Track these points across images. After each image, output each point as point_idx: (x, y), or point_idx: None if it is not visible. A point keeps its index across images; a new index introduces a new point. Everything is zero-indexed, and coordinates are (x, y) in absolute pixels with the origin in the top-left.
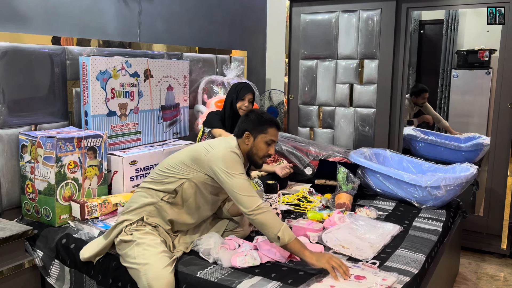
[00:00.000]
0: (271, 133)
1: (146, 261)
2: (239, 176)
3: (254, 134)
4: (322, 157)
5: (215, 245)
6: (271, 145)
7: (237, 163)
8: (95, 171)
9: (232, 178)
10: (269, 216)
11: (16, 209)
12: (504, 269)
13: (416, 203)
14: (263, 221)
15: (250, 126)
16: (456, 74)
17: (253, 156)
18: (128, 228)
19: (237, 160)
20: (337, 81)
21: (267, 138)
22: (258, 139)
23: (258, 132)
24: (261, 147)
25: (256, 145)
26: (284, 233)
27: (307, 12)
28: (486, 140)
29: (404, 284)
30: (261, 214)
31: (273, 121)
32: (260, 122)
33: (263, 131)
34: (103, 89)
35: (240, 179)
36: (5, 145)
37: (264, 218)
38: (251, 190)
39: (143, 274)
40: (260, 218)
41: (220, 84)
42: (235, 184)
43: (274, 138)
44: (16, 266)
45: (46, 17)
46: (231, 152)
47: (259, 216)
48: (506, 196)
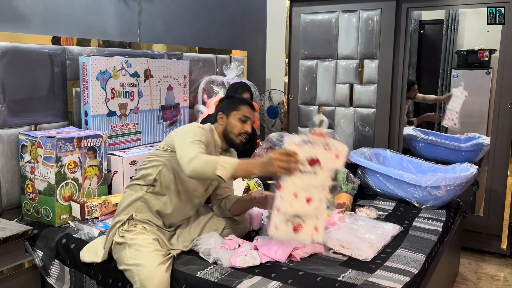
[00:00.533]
0: (243, 110)
1: (138, 261)
2: (191, 141)
3: (227, 113)
4: None
5: (215, 245)
6: (246, 122)
7: (195, 132)
8: (95, 171)
9: (183, 142)
10: (200, 162)
11: (16, 209)
12: (504, 269)
13: (416, 203)
14: (197, 171)
15: (222, 107)
16: (456, 74)
17: (229, 134)
18: (121, 230)
19: (197, 131)
20: (337, 81)
21: (240, 115)
22: (231, 117)
23: (230, 110)
24: (234, 124)
25: (229, 123)
26: (223, 169)
27: (307, 12)
28: (486, 140)
29: (404, 284)
30: (192, 164)
31: (244, 100)
32: (231, 101)
33: (234, 108)
34: (103, 89)
35: (190, 143)
36: (5, 145)
37: (197, 167)
38: (191, 150)
39: (136, 275)
40: (193, 168)
41: (220, 84)
42: (182, 146)
43: (248, 115)
44: (16, 266)
45: (46, 17)
46: (196, 127)
47: (191, 166)
48: (506, 196)
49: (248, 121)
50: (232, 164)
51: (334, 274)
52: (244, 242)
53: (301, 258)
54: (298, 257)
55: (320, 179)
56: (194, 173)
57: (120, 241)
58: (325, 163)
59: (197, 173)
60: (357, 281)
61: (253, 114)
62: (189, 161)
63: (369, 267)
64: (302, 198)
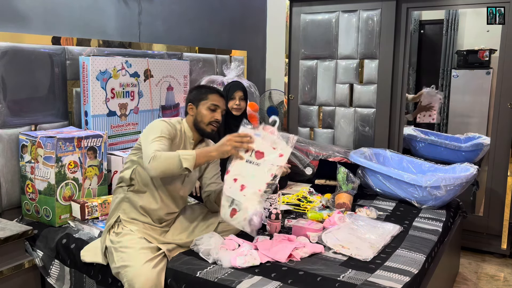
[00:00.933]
0: (212, 98)
1: (125, 263)
2: (152, 139)
3: (196, 103)
4: (322, 157)
5: (215, 246)
6: (216, 110)
7: (157, 128)
8: (95, 171)
9: (145, 142)
10: (160, 160)
11: (16, 209)
12: (504, 269)
13: (416, 203)
14: (160, 169)
15: (191, 97)
16: (456, 74)
17: (199, 124)
18: (111, 233)
19: (159, 127)
20: (337, 81)
21: (209, 104)
22: (200, 107)
23: (199, 100)
24: (204, 113)
25: (199, 113)
26: (186, 161)
27: (307, 12)
28: (486, 140)
29: (404, 284)
30: (152, 164)
31: (213, 88)
32: (199, 91)
33: (203, 98)
34: (103, 89)
35: (151, 142)
36: (5, 145)
37: (158, 165)
38: (150, 150)
39: (124, 276)
40: (154, 168)
41: (220, 84)
42: (145, 147)
43: (217, 103)
44: (16, 266)
45: (46, 17)
46: (160, 121)
47: (152, 166)
48: (506, 196)
49: (218, 110)
50: (192, 154)
51: (334, 274)
52: (244, 242)
53: (301, 258)
54: (298, 257)
55: (260, 172)
56: (158, 172)
57: (109, 245)
58: (269, 159)
59: (161, 171)
60: (357, 281)
61: (222, 102)
62: (149, 162)
63: (369, 267)
64: (238, 184)
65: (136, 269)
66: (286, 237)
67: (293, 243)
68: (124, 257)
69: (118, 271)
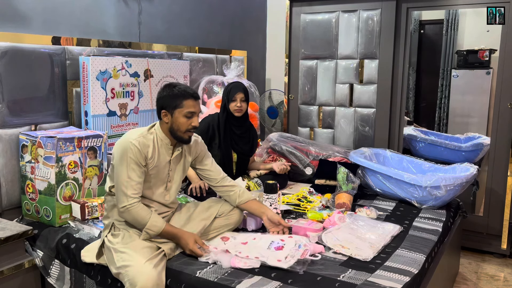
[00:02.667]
0: (188, 105)
1: (125, 263)
2: (122, 170)
3: (170, 110)
4: (322, 157)
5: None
6: (192, 117)
7: (126, 154)
8: (95, 171)
9: (117, 173)
10: (131, 217)
11: (16, 209)
12: (504, 269)
13: (416, 203)
14: (130, 221)
15: (164, 103)
16: (456, 74)
17: (176, 132)
18: (109, 235)
19: (128, 152)
20: (337, 81)
21: (185, 111)
22: (176, 115)
23: (173, 107)
24: (181, 122)
25: (175, 121)
26: (146, 234)
27: (307, 12)
28: (486, 140)
29: (404, 284)
30: (124, 215)
31: (187, 92)
32: (173, 96)
33: (178, 105)
34: (103, 89)
35: (122, 173)
36: (5, 145)
37: (128, 219)
38: (125, 187)
39: (125, 276)
40: (125, 218)
41: (220, 84)
42: (117, 182)
43: (193, 109)
44: (16, 266)
45: (46, 17)
46: (129, 142)
47: (124, 216)
48: (506, 196)
49: (195, 116)
50: (157, 231)
51: (334, 274)
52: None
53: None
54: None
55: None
56: (127, 220)
57: (108, 246)
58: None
59: (130, 221)
60: (357, 281)
61: (198, 106)
62: (122, 207)
63: (369, 267)
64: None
65: (137, 268)
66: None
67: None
68: (124, 257)
69: (118, 272)
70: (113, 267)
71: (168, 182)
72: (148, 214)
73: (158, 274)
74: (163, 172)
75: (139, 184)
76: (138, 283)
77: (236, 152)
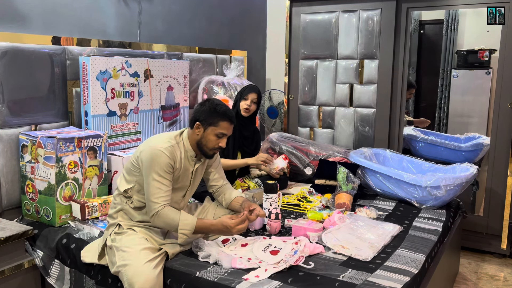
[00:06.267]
0: (222, 126)
1: (125, 262)
2: (155, 180)
3: (205, 125)
4: (322, 157)
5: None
6: (222, 138)
7: (159, 162)
8: (95, 171)
9: (148, 178)
10: (161, 221)
11: (16, 209)
12: (504, 269)
13: (416, 203)
14: (160, 226)
15: (202, 116)
16: (456, 74)
17: (203, 147)
18: (112, 233)
19: (160, 162)
20: (337, 81)
21: (217, 131)
22: (208, 131)
23: (209, 124)
24: (210, 139)
25: (205, 137)
26: (182, 235)
27: (307, 12)
28: (486, 140)
29: (404, 284)
30: (154, 220)
31: (227, 114)
32: (212, 113)
33: (214, 123)
34: (103, 89)
35: (152, 181)
36: (5, 145)
37: (159, 225)
38: (155, 195)
39: (124, 275)
40: (156, 224)
41: (220, 84)
42: (147, 187)
43: (225, 132)
44: (16, 266)
45: (46, 17)
46: (161, 150)
47: (154, 222)
48: (506, 196)
49: (224, 137)
50: (190, 229)
51: (334, 274)
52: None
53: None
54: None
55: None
56: (158, 226)
57: (110, 245)
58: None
59: (161, 227)
60: (357, 281)
61: (231, 129)
62: (151, 216)
63: (369, 267)
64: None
65: (136, 268)
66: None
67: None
68: (125, 256)
69: (118, 270)
70: (113, 266)
71: (188, 190)
72: (177, 214)
73: (157, 276)
74: (185, 181)
75: (169, 191)
76: (136, 284)
77: (241, 151)
